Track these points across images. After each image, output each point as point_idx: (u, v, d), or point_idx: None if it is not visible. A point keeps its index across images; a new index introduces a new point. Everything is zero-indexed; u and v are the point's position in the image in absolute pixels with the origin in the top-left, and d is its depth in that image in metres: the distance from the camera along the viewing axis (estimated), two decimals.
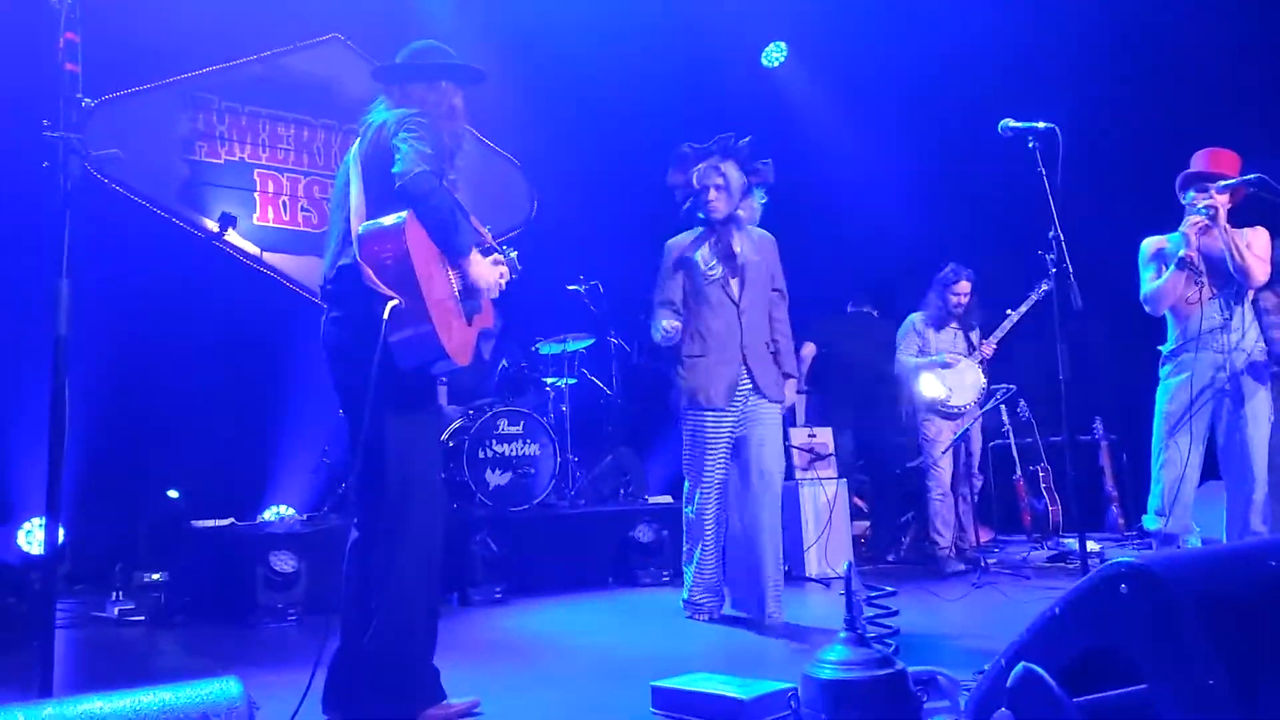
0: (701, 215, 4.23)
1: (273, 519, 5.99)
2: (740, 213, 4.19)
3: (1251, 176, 3.89)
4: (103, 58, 2.53)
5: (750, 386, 4.17)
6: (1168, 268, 4.15)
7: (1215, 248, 4.09)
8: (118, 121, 6.24)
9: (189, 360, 6.15)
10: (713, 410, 4.13)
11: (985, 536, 5.56)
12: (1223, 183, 4.03)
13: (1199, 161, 4.20)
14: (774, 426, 4.24)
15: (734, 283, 4.17)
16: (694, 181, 4.20)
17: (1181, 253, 4.09)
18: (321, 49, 7.20)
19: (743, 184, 4.18)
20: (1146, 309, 4.24)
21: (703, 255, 4.19)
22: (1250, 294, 4.17)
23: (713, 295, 4.17)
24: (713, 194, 4.15)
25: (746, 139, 4.20)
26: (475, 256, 2.71)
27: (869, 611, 2.49)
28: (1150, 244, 4.28)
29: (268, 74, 7.04)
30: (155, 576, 5.05)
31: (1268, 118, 5.85)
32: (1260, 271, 4.05)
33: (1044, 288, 5.32)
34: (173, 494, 6.04)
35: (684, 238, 4.31)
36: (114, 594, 4.94)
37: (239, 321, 6.38)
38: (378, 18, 6.96)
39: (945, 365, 5.58)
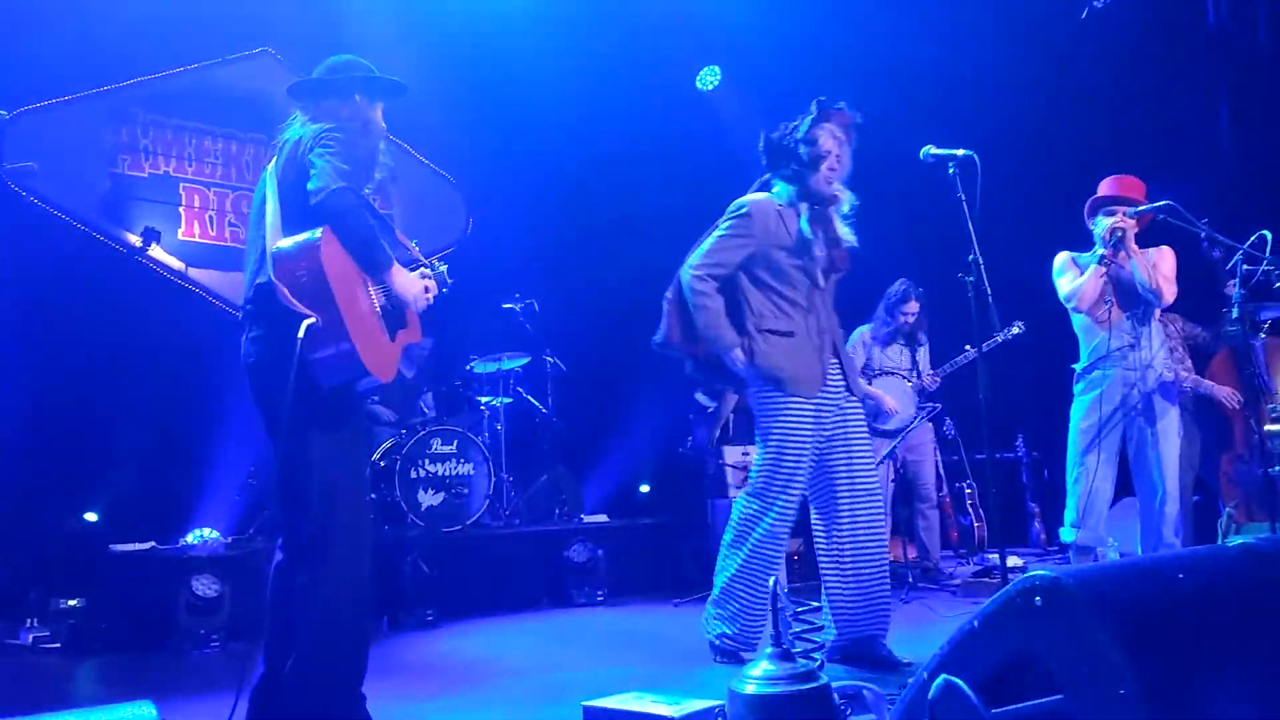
0: (797, 184, 3.50)
1: (195, 542, 5.83)
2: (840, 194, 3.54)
3: (1162, 203, 4.08)
4: (21, 68, 2.47)
5: (842, 380, 3.54)
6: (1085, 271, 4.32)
7: (1124, 270, 4.27)
8: (36, 134, 6.05)
9: (110, 378, 5.96)
10: (801, 399, 3.41)
11: (911, 553, 5.67)
12: (1136, 208, 4.21)
13: (1106, 187, 4.40)
14: (866, 432, 3.63)
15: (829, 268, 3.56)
16: (824, 142, 3.45)
17: (1100, 251, 4.26)
18: (251, 62, 7.09)
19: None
20: (1069, 306, 4.39)
21: (820, 233, 3.48)
22: (1157, 313, 4.35)
23: (799, 276, 3.51)
24: (836, 164, 3.47)
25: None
26: (397, 270, 2.67)
27: (796, 627, 2.51)
28: (1064, 255, 4.46)
29: (195, 87, 6.90)
30: (72, 602, 4.88)
31: (1172, 145, 6.11)
32: (1169, 292, 4.24)
33: (1015, 330, 5.38)
34: (91, 516, 5.85)
35: (772, 201, 3.57)
36: (29, 621, 4.76)
37: (162, 338, 6.21)
38: (310, 33, 6.88)
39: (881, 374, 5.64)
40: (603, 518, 6.52)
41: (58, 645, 4.55)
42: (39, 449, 5.64)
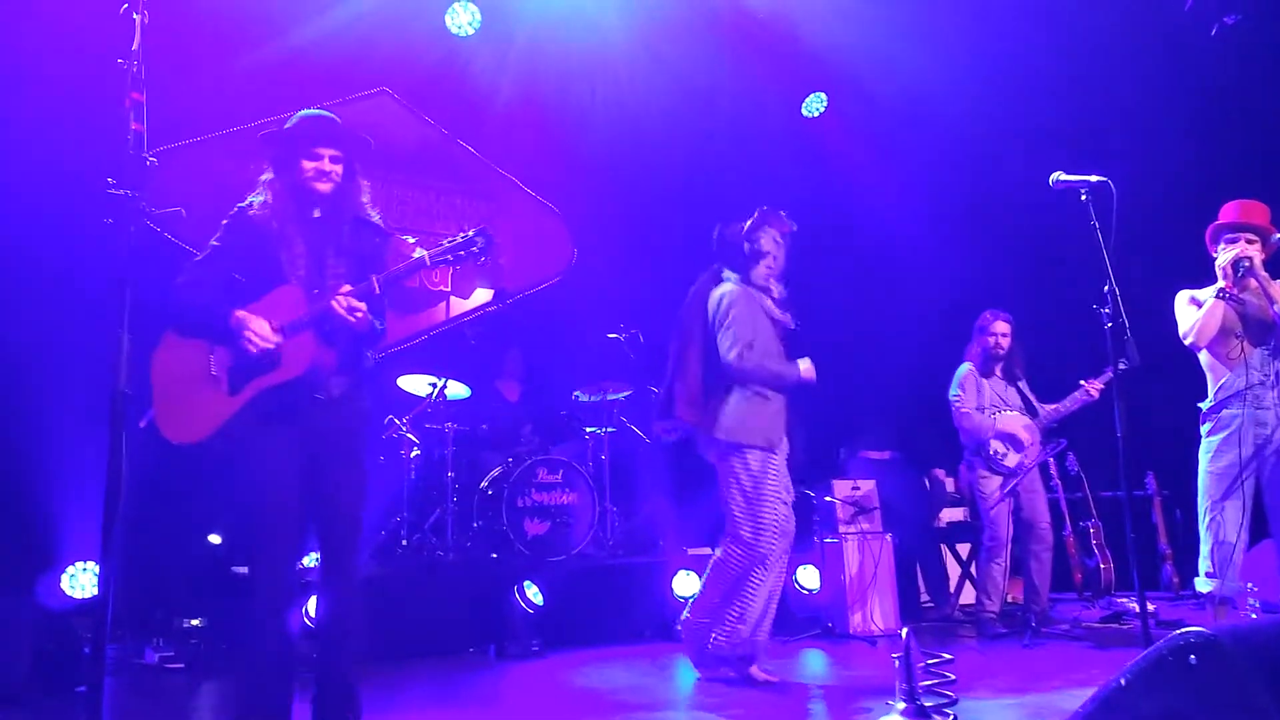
0: (741, 273, 4.19)
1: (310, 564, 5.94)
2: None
3: None
4: (162, 109, 2.59)
5: (787, 449, 4.17)
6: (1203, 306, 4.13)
7: (1252, 302, 4.05)
8: (173, 174, 6.39)
9: None
10: (776, 454, 4.05)
11: (1015, 594, 5.43)
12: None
13: (1229, 212, 4.22)
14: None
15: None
16: (764, 243, 4.19)
17: (1220, 284, 4.05)
18: (370, 102, 7.36)
19: None
20: (1187, 342, 4.21)
21: (779, 314, 4.19)
22: None
23: (774, 347, 4.14)
24: (772, 263, 4.18)
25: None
26: (246, 322, 2.90)
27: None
28: (1183, 294, 4.29)
29: None
30: (195, 622, 5.05)
31: None
32: None
33: (1122, 366, 5.07)
34: (214, 539, 6.07)
35: (744, 287, 4.21)
36: (154, 640, 4.94)
37: None
38: (426, 75, 7.12)
39: (1016, 444, 5.43)
40: (706, 550, 6.44)
41: (182, 665, 4.69)
42: (161, 477, 5.88)
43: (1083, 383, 5.33)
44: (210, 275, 3.03)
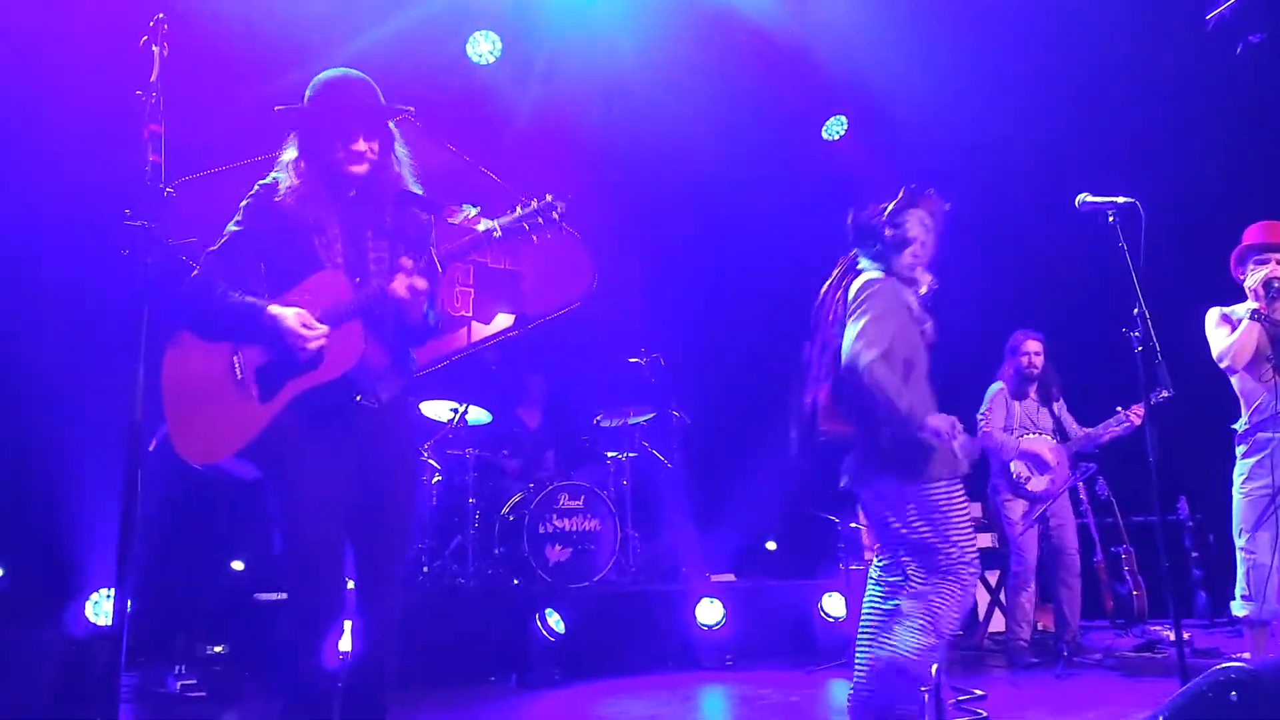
0: (882, 263, 3.43)
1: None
2: None
3: None
4: (182, 140, 2.60)
5: None
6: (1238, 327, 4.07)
7: None
8: (193, 203, 6.44)
9: None
10: (961, 481, 3.27)
11: (1043, 623, 5.32)
12: None
13: (1255, 234, 4.17)
14: None
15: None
16: (910, 228, 3.43)
17: (1253, 305, 3.98)
18: None
19: None
20: (1223, 365, 4.13)
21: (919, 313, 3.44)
22: None
23: (920, 355, 3.36)
24: (920, 250, 3.45)
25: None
26: (283, 319, 2.53)
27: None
28: (1215, 311, 4.22)
29: None
30: (217, 649, 5.04)
31: None
32: None
33: (1164, 395, 4.75)
34: (237, 565, 6.08)
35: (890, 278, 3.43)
36: (176, 668, 4.93)
37: None
38: (447, 102, 7.16)
39: (1041, 466, 5.35)
40: (729, 577, 6.38)
41: (204, 693, 4.66)
42: (189, 499, 5.90)
43: (1120, 409, 5.22)
44: (232, 266, 2.69)
